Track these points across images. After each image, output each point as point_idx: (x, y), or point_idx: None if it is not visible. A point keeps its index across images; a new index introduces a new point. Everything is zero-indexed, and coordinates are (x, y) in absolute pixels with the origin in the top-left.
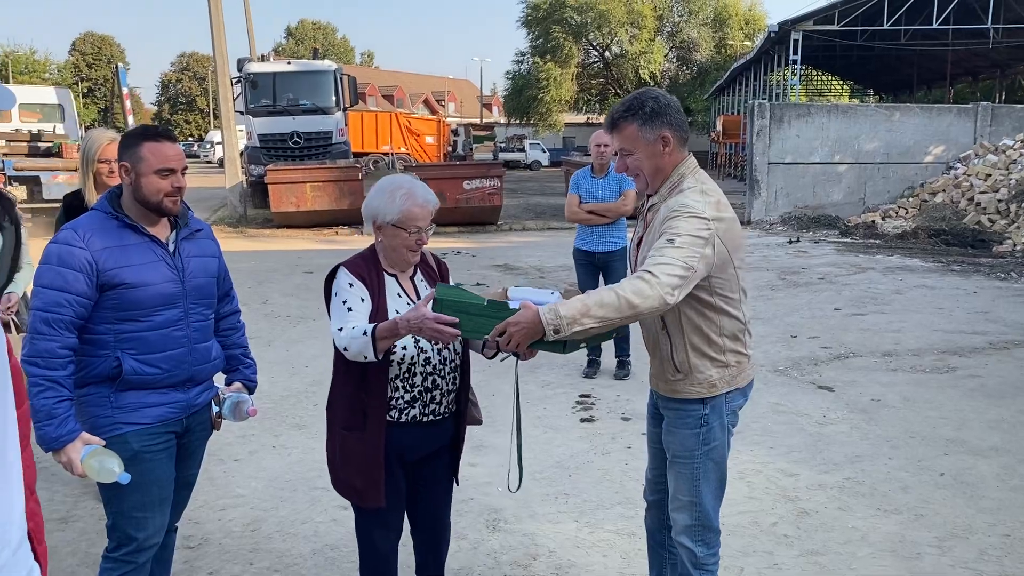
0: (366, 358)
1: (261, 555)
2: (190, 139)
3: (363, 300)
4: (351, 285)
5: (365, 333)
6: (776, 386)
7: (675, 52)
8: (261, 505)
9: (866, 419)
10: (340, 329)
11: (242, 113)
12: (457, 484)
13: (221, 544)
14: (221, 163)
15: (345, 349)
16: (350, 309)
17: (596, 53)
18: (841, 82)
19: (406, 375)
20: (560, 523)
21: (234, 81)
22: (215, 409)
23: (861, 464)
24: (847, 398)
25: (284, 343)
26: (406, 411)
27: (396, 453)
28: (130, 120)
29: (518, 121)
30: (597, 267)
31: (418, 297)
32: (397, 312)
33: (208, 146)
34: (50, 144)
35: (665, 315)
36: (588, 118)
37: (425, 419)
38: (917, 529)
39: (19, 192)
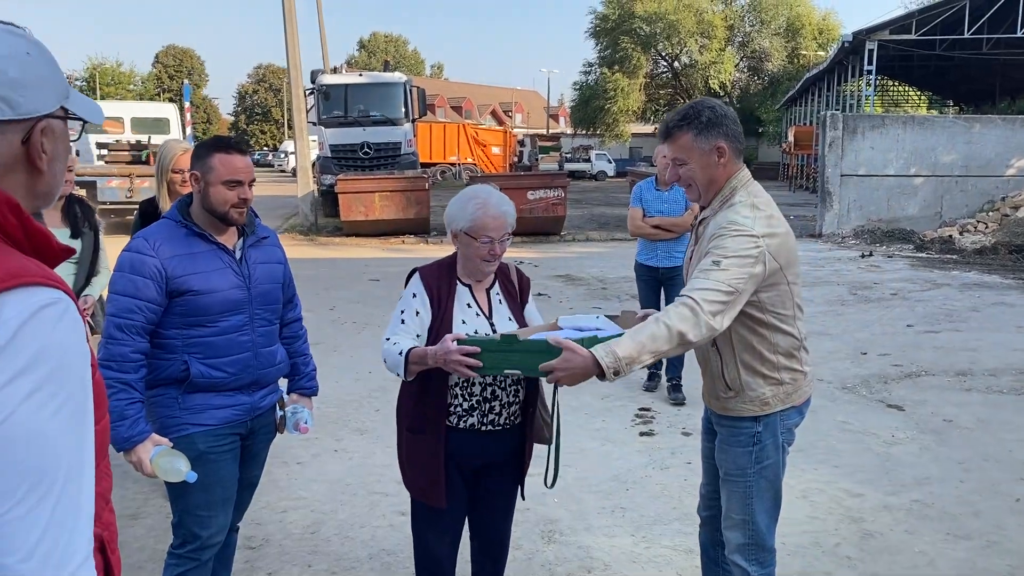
0: (399, 375)
1: (319, 557)
2: (265, 149)
3: (418, 313)
4: (415, 296)
5: (402, 353)
6: (844, 404)
7: (746, 62)
8: (321, 508)
9: (937, 440)
10: (388, 339)
11: (314, 124)
12: (523, 499)
13: (281, 545)
14: (294, 172)
15: (384, 360)
16: (403, 322)
17: (665, 63)
18: (918, 93)
19: (465, 383)
20: (616, 537)
21: (307, 93)
22: (279, 413)
23: (930, 486)
24: (917, 418)
25: (349, 348)
26: (465, 418)
27: (456, 458)
28: (188, 131)
29: (584, 131)
30: (660, 282)
31: (491, 310)
32: (464, 322)
33: (282, 156)
34: (142, 151)
35: None
36: (655, 128)
37: (484, 428)
38: (989, 556)
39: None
